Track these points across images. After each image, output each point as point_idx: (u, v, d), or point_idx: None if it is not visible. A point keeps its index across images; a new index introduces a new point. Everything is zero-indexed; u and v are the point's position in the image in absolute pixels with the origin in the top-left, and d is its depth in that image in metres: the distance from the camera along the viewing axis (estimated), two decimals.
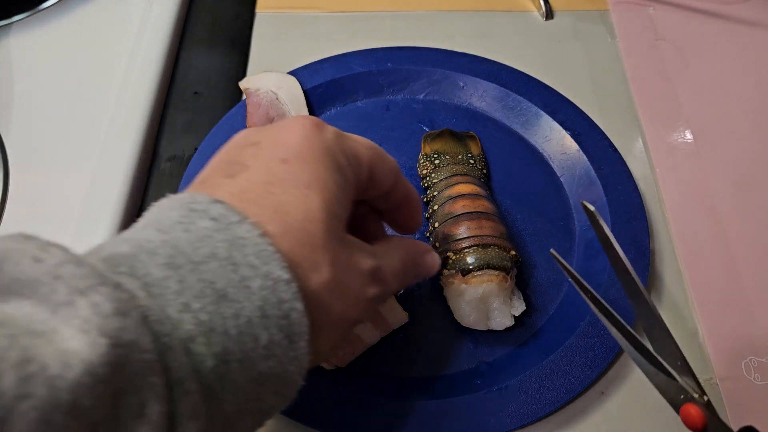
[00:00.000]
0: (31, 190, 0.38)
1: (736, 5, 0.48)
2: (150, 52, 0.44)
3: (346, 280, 0.24)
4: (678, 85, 0.44)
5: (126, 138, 0.40)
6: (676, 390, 0.26)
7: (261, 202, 0.22)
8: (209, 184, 0.23)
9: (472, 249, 0.33)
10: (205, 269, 0.20)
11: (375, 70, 0.43)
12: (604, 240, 0.29)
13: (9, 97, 0.42)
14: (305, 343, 0.22)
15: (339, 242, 0.24)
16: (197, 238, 0.20)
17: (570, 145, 0.40)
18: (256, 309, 0.20)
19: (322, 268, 0.23)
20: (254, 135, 0.25)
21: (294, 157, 0.23)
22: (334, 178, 0.24)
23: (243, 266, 0.20)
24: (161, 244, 0.20)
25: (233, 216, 0.21)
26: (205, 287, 0.20)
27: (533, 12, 0.49)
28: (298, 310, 0.21)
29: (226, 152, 0.25)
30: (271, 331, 0.20)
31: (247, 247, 0.21)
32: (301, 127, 0.24)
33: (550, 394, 0.31)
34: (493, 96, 0.42)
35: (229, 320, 0.20)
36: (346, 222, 0.25)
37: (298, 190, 0.23)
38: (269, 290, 0.20)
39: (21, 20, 0.45)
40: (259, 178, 0.23)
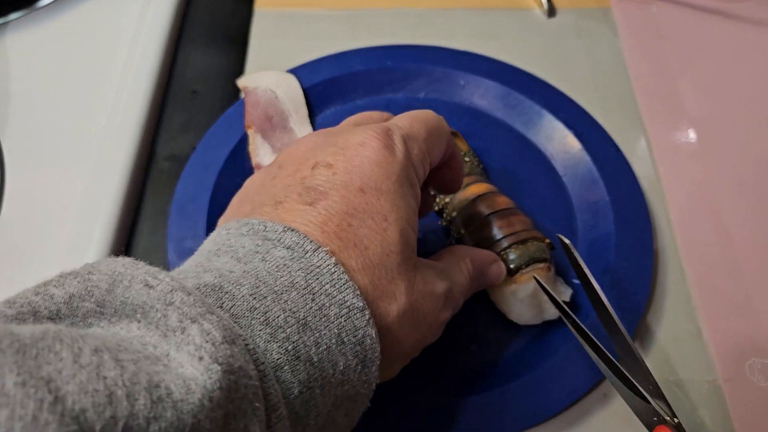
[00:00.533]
0: (28, 189, 0.38)
1: (739, 3, 0.48)
2: (147, 51, 0.43)
3: (422, 307, 0.24)
4: (681, 83, 0.44)
5: (123, 137, 0.40)
6: (649, 413, 0.27)
7: (342, 235, 0.23)
8: (286, 207, 0.24)
9: (512, 248, 0.32)
10: (286, 299, 0.21)
11: (375, 68, 0.42)
12: (579, 271, 0.31)
13: (5, 95, 0.42)
14: (376, 368, 0.22)
15: (414, 270, 0.24)
16: (276, 268, 0.21)
17: (572, 144, 0.39)
18: (333, 336, 0.21)
19: (399, 299, 0.23)
20: (324, 153, 0.25)
21: (370, 188, 0.24)
22: (408, 203, 0.25)
23: (320, 295, 0.21)
24: (243, 275, 0.21)
25: (308, 244, 0.22)
26: (288, 317, 0.20)
27: (535, 9, 0.48)
28: (371, 337, 0.22)
29: (296, 168, 0.25)
30: (347, 357, 0.21)
31: (323, 276, 0.22)
32: (374, 151, 0.24)
33: (552, 396, 0.31)
34: (494, 95, 0.42)
35: (311, 348, 0.21)
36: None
37: (375, 223, 0.23)
38: (345, 317, 0.21)
39: (17, 19, 0.45)
40: (338, 208, 0.23)
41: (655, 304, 0.35)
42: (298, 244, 0.22)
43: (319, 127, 0.41)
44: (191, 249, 0.35)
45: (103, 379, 0.15)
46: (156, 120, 0.42)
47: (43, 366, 0.15)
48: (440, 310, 0.26)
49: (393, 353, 0.24)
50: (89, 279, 0.19)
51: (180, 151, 0.41)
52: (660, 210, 0.39)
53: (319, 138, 0.26)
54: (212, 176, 0.38)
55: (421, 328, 0.25)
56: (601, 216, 0.37)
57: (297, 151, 0.26)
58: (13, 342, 0.15)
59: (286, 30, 0.47)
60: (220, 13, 0.48)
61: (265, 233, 0.22)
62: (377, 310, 0.23)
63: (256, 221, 0.23)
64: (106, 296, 0.18)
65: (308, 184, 0.24)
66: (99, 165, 0.39)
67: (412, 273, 0.24)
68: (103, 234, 0.36)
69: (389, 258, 0.23)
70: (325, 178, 0.24)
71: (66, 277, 0.19)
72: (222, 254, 0.22)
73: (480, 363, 0.33)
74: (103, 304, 0.18)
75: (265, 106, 0.40)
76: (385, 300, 0.23)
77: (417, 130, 0.27)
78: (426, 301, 0.25)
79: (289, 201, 0.24)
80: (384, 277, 0.23)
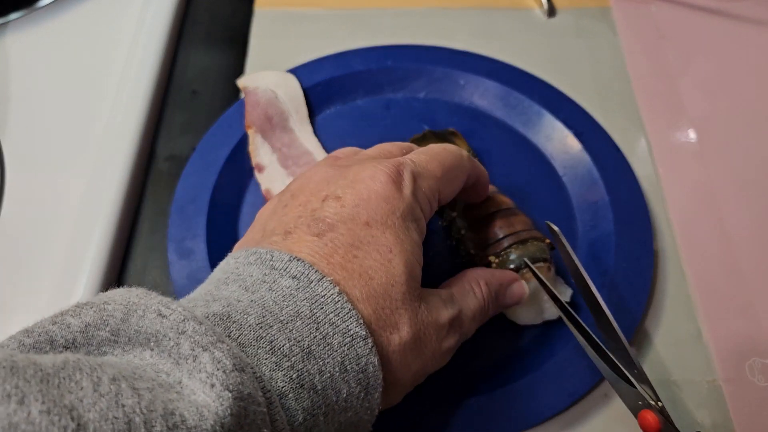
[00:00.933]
0: (28, 190, 0.38)
1: (739, 3, 0.48)
2: (147, 51, 0.43)
3: (424, 336, 0.25)
4: (681, 83, 0.44)
5: (123, 137, 0.40)
6: (634, 397, 0.28)
7: (347, 266, 0.24)
8: (294, 238, 0.24)
9: (512, 248, 0.32)
10: (291, 328, 0.21)
11: (375, 68, 0.42)
12: (568, 260, 0.31)
13: (5, 96, 0.42)
14: (379, 395, 0.23)
15: (418, 300, 0.25)
16: (282, 297, 0.22)
17: (572, 144, 0.39)
18: (337, 364, 0.22)
19: (402, 329, 0.24)
20: (335, 185, 0.26)
21: (376, 222, 0.25)
22: (413, 238, 0.25)
23: (324, 324, 0.22)
24: (250, 304, 0.22)
25: (312, 274, 0.23)
26: (293, 345, 0.21)
27: (535, 9, 0.48)
28: (374, 364, 0.23)
29: (307, 198, 0.26)
30: (350, 385, 0.22)
31: (327, 305, 0.22)
32: (381, 185, 0.25)
33: (552, 397, 0.31)
34: (494, 94, 0.42)
35: (315, 376, 0.21)
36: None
37: (380, 255, 0.24)
38: (348, 346, 0.22)
39: (17, 19, 0.45)
40: (344, 240, 0.24)
41: (654, 304, 0.35)
42: (304, 274, 0.23)
43: (320, 127, 0.41)
44: (191, 249, 0.35)
45: (121, 407, 0.16)
46: (156, 120, 0.42)
47: (66, 395, 0.16)
48: (444, 338, 0.26)
49: (395, 381, 0.24)
50: (104, 309, 0.20)
51: (180, 151, 0.41)
52: (660, 210, 0.39)
53: (331, 170, 0.27)
54: (212, 176, 0.38)
55: (424, 357, 0.25)
56: (601, 216, 0.37)
57: (310, 182, 0.27)
58: (36, 372, 0.16)
59: (286, 30, 0.47)
60: (220, 13, 0.48)
61: (272, 263, 0.23)
62: (380, 339, 0.23)
63: (264, 251, 0.24)
64: (121, 325, 0.19)
65: (317, 215, 0.25)
66: (99, 165, 0.39)
67: (416, 303, 0.25)
68: (103, 234, 0.36)
69: (393, 288, 0.24)
70: (334, 211, 0.25)
71: (82, 307, 0.20)
72: (231, 283, 0.23)
73: (480, 364, 0.33)
74: (117, 333, 0.19)
75: (265, 106, 0.40)
76: (387, 330, 0.24)
77: (432, 168, 0.27)
78: (429, 330, 0.25)
79: (298, 232, 0.24)
80: (388, 306, 0.24)
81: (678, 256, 0.37)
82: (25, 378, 0.16)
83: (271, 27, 0.47)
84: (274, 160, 0.39)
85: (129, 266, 0.37)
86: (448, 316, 0.26)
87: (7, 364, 0.16)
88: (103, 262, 0.35)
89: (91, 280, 0.34)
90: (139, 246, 0.38)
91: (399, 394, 0.26)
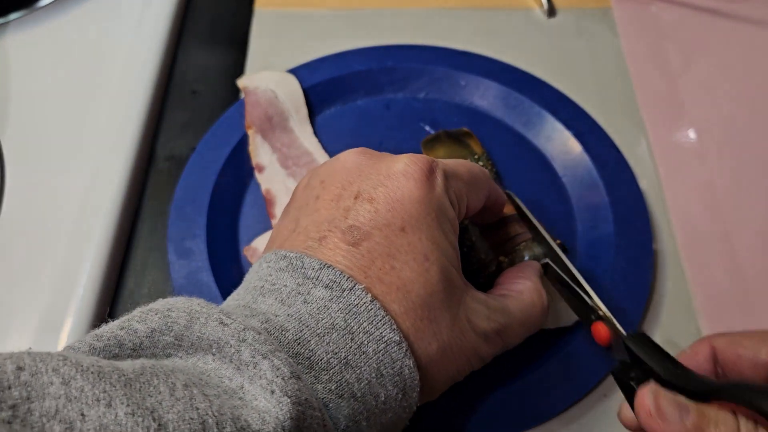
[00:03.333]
0: (28, 190, 0.38)
1: (739, 3, 0.48)
2: (147, 50, 0.43)
3: (462, 342, 0.25)
4: (681, 83, 0.44)
5: (123, 137, 0.40)
6: (587, 311, 0.29)
7: (385, 279, 0.24)
8: (330, 245, 0.24)
9: (522, 245, 0.32)
10: (328, 341, 0.22)
11: (375, 68, 0.42)
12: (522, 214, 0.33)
13: (6, 95, 0.42)
14: (417, 394, 0.24)
15: (457, 306, 0.25)
16: (317, 310, 0.23)
17: (573, 145, 0.39)
18: (373, 371, 0.22)
19: (440, 336, 0.24)
20: (368, 181, 0.25)
21: (411, 227, 0.24)
22: (448, 239, 0.25)
23: (359, 333, 0.22)
24: (287, 319, 0.23)
25: (344, 282, 0.23)
26: (330, 358, 0.22)
27: (535, 9, 0.48)
28: (409, 367, 0.23)
29: (339, 192, 0.26)
30: (387, 388, 0.23)
31: (360, 314, 0.23)
32: (415, 183, 0.25)
33: (553, 397, 0.31)
34: (494, 95, 0.42)
35: (354, 384, 0.22)
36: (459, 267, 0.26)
37: (417, 263, 0.24)
38: (383, 352, 0.23)
39: (17, 19, 0.45)
40: (381, 250, 0.24)
41: (654, 304, 0.35)
42: (336, 282, 0.23)
43: (320, 128, 0.41)
44: (191, 249, 0.35)
45: (196, 410, 0.18)
46: (156, 120, 0.42)
47: (147, 398, 0.17)
48: (481, 344, 0.26)
49: (432, 385, 0.25)
50: (169, 315, 0.21)
51: (180, 152, 0.41)
52: (660, 210, 0.39)
53: (362, 158, 0.27)
54: (212, 176, 0.38)
55: (460, 362, 0.26)
56: (601, 217, 0.37)
57: (341, 169, 0.27)
58: (120, 377, 0.18)
59: (286, 30, 0.46)
60: (220, 13, 0.48)
61: (303, 270, 0.24)
62: (418, 348, 0.24)
63: (294, 255, 0.24)
64: (184, 331, 0.21)
65: (351, 221, 0.25)
66: (99, 165, 0.39)
67: (455, 309, 0.25)
68: (103, 234, 0.36)
69: (432, 298, 0.24)
70: (368, 216, 0.24)
71: (147, 313, 0.21)
72: (267, 294, 0.24)
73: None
74: (181, 338, 0.21)
75: (265, 106, 0.40)
76: (426, 339, 0.24)
77: (461, 172, 0.27)
78: (467, 338, 0.25)
79: (333, 238, 0.24)
80: (426, 317, 0.24)
81: (678, 256, 0.37)
82: (111, 383, 0.17)
83: (271, 27, 0.47)
84: (274, 160, 0.39)
85: (129, 266, 0.37)
86: (490, 328, 0.26)
87: (94, 369, 0.17)
88: (103, 262, 0.35)
89: (91, 280, 0.34)
90: (139, 246, 0.38)
91: (436, 393, 0.26)
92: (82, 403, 0.17)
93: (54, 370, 0.17)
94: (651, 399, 0.21)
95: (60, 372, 0.17)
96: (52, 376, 0.17)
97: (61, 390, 0.17)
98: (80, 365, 0.17)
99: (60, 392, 0.17)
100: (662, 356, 0.24)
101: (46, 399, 0.16)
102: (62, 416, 0.16)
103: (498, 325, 0.26)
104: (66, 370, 0.17)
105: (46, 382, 0.17)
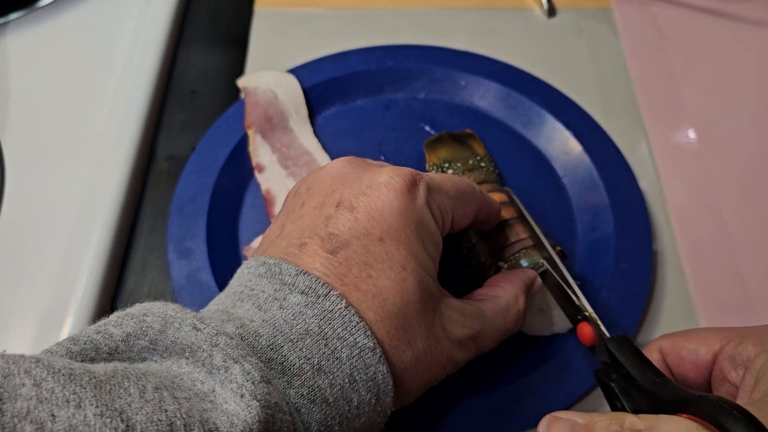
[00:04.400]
0: (28, 189, 0.38)
1: (739, 3, 0.48)
2: (147, 50, 0.43)
3: (437, 350, 0.25)
4: (682, 84, 0.44)
5: (123, 137, 0.40)
6: (574, 311, 0.30)
7: (361, 287, 0.24)
8: (310, 252, 0.25)
9: (521, 252, 0.32)
10: (301, 346, 0.22)
11: (375, 68, 0.42)
12: (521, 215, 0.33)
13: (5, 95, 0.42)
14: (390, 399, 0.24)
15: (432, 315, 0.25)
16: (292, 315, 0.23)
17: (573, 146, 0.39)
18: (346, 376, 0.23)
19: (415, 345, 0.25)
20: (350, 189, 0.26)
21: (390, 237, 0.25)
22: (427, 251, 0.26)
23: (333, 339, 0.23)
24: (262, 324, 0.23)
25: (320, 288, 0.23)
26: (303, 363, 0.22)
27: (535, 10, 0.48)
28: (383, 372, 0.23)
29: (322, 200, 0.26)
30: (360, 393, 0.23)
31: (335, 320, 0.23)
32: (396, 194, 0.25)
33: (551, 398, 0.31)
34: (494, 95, 0.42)
35: (326, 390, 0.22)
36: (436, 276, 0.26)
37: (394, 273, 0.24)
38: (356, 358, 0.23)
39: (17, 19, 0.45)
40: (359, 258, 0.24)
41: (654, 304, 0.35)
42: (311, 288, 0.23)
43: (320, 128, 0.41)
44: (191, 249, 0.35)
45: (164, 412, 0.18)
46: (156, 120, 0.42)
47: (116, 399, 0.18)
48: (456, 351, 0.26)
49: (406, 391, 0.25)
50: (144, 320, 0.21)
51: (180, 151, 0.41)
52: (660, 210, 0.39)
53: (348, 167, 0.27)
54: (212, 176, 0.38)
55: (434, 369, 0.26)
56: (601, 218, 0.37)
57: (327, 177, 0.27)
58: (91, 379, 0.18)
59: (286, 30, 0.46)
60: (220, 13, 0.48)
61: (281, 276, 0.24)
62: (393, 356, 0.24)
63: (273, 262, 0.24)
64: (159, 336, 0.21)
65: (331, 229, 0.25)
66: (99, 165, 0.39)
67: (431, 318, 0.25)
68: (103, 234, 0.36)
69: (407, 307, 0.24)
70: (348, 225, 0.25)
71: (123, 318, 0.21)
72: (245, 299, 0.24)
73: (479, 365, 0.33)
74: (156, 343, 0.21)
75: (265, 107, 0.40)
76: (401, 347, 0.24)
77: (447, 188, 0.27)
78: (442, 345, 0.26)
79: (312, 245, 0.25)
80: (401, 326, 0.24)
81: (678, 256, 0.37)
82: (81, 384, 0.18)
83: (271, 27, 0.47)
84: (274, 160, 0.39)
85: (129, 266, 0.37)
86: (464, 334, 0.26)
87: (65, 371, 0.18)
88: (102, 262, 0.35)
89: (91, 280, 0.34)
90: (139, 246, 0.38)
91: (411, 398, 0.26)
92: (52, 404, 0.17)
93: (26, 372, 0.17)
94: (544, 424, 0.22)
95: (32, 374, 0.17)
96: (24, 378, 0.17)
97: (33, 391, 0.17)
98: (52, 367, 0.18)
99: (31, 393, 0.17)
100: (641, 361, 0.25)
101: (17, 400, 0.17)
102: (33, 417, 0.17)
103: (472, 331, 0.27)
104: (38, 372, 0.18)
105: (18, 383, 0.17)
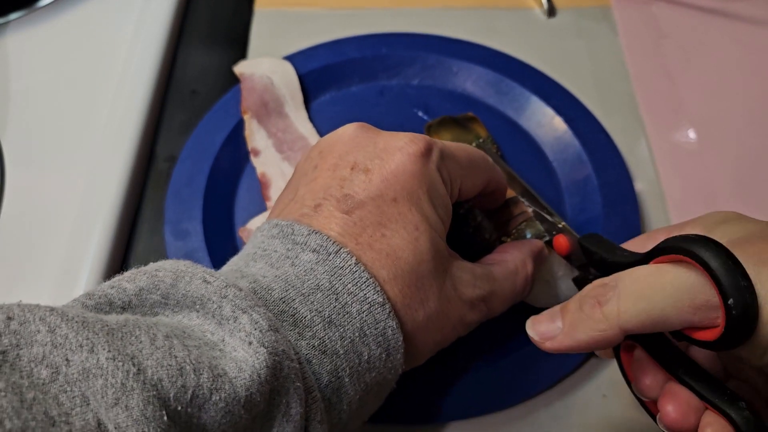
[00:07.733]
0: (27, 189, 0.38)
1: (740, 3, 0.48)
2: (147, 50, 0.43)
3: (448, 311, 0.26)
4: (681, 83, 0.44)
5: (123, 137, 0.40)
6: (549, 227, 0.31)
7: (375, 246, 0.25)
8: (325, 213, 0.25)
9: (523, 224, 0.32)
10: (312, 300, 0.23)
11: (369, 55, 0.43)
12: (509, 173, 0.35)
13: (5, 95, 0.42)
14: (401, 356, 0.25)
15: (444, 275, 0.26)
16: (303, 272, 0.24)
17: (561, 128, 0.40)
18: (356, 330, 0.23)
19: (427, 304, 0.25)
20: (364, 152, 0.26)
21: (403, 198, 0.25)
22: (438, 214, 0.26)
23: (343, 294, 0.23)
24: (274, 279, 0.24)
25: (330, 246, 0.24)
26: (314, 316, 0.23)
27: (535, 9, 0.48)
28: (392, 328, 0.24)
29: (335, 162, 0.26)
30: (370, 347, 0.24)
31: (345, 276, 0.24)
32: (410, 157, 0.26)
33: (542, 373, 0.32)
34: (486, 81, 0.42)
35: (337, 342, 0.23)
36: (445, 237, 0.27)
37: (407, 233, 0.25)
38: (366, 313, 0.23)
39: (17, 19, 0.45)
40: (373, 218, 0.25)
41: None
42: (323, 247, 0.24)
43: (315, 113, 0.42)
44: (187, 231, 0.36)
45: (174, 357, 0.19)
46: (156, 120, 0.42)
47: (128, 346, 0.19)
48: (467, 312, 0.27)
49: (417, 351, 0.26)
50: (156, 275, 0.22)
51: (180, 152, 0.41)
52: (660, 210, 0.39)
53: (360, 131, 0.27)
54: (209, 160, 0.38)
55: (445, 330, 0.26)
56: (589, 200, 0.37)
57: (339, 141, 0.27)
58: (103, 326, 0.19)
59: (286, 30, 0.47)
60: (220, 13, 0.48)
61: (293, 237, 0.24)
62: (405, 315, 0.24)
63: (285, 223, 0.25)
64: (170, 290, 0.22)
65: (346, 190, 0.25)
66: (99, 165, 0.39)
67: (442, 279, 0.26)
68: (103, 234, 0.36)
69: (421, 266, 0.25)
70: (363, 186, 0.25)
71: (136, 274, 0.22)
72: (258, 259, 0.25)
73: (487, 333, 0.32)
74: (167, 297, 0.22)
75: (261, 92, 0.40)
76: (413, 306, 0.25)
77: (459, 156, 0.28)
78: (454, 305, 0.26)
79: (328, 206, 0.25)
80: (414, 284, 0.25)
81: None
82: (94, 331, 0.18)
83: (271, 27, 0.47)
84: (269, 144, 0.39)
85: (129, 266, 0.36)
86: (475, 295, 0.27)
87: (79, 319, 0.19)
88: (102, 263, 0.35)
89: (91, 280, 0.34)
90: (139, 246, 0.38)
91: (421, 359, 0.27)
92: (66, 348, 0.18)
93: (41, 320, 0.18)
94: (529, 323, 0.24)
95: (47, 321, 0.18)
96: (39, 324, 0.18)
97: (48, 337, 0.18)
98: (66, 315, 0.19)
99: (46, 339, 0.18)
100: (612, 245, 0.26)
101: (33, 346, 0.18)
102: (49, 361, 0.18)
103: (483, 292, 0.27)
104: (52, 320, 0.18)
105: (33, 330, 0.18)
